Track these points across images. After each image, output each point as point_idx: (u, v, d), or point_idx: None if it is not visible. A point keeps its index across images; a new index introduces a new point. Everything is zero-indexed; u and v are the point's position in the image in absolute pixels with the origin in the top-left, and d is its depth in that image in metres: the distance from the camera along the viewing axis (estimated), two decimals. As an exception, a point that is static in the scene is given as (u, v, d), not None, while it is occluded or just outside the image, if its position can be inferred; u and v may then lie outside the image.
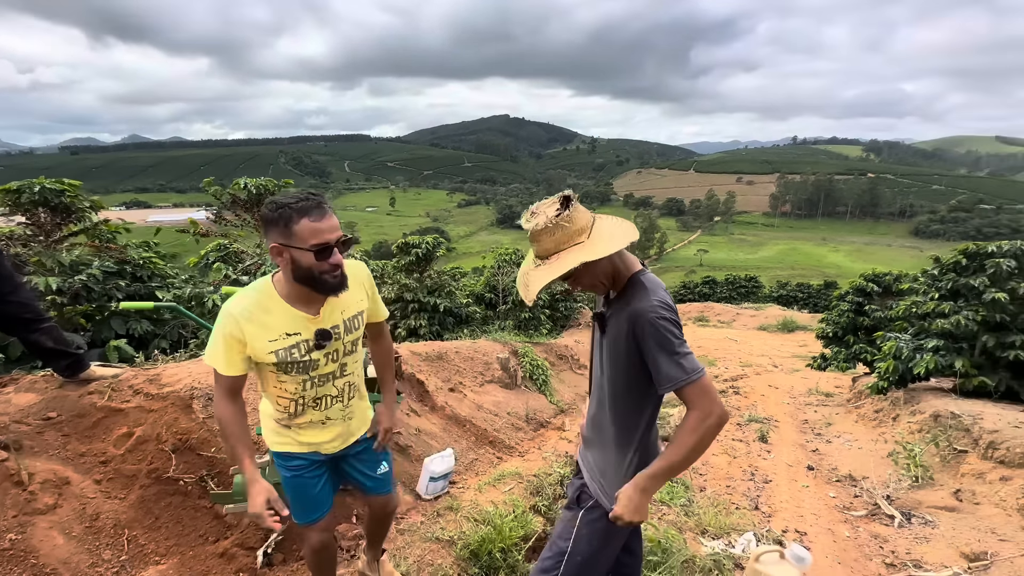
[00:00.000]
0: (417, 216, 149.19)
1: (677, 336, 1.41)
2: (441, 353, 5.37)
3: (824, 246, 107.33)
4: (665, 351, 1.39)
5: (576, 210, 1.44)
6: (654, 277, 1.54)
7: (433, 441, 4.11)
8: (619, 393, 1.57)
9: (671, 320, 1.42)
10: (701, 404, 1.37)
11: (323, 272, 1.51)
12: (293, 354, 1.60)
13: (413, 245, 7.23)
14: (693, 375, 1.37)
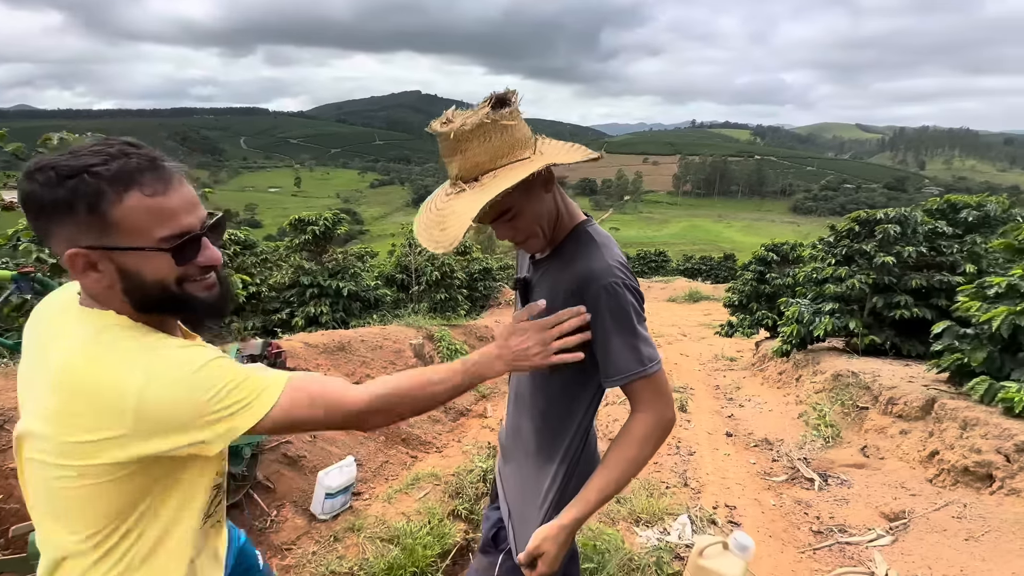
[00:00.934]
0: (326, 197, 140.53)
1: (639, 312, 1.02)
2: (343, 343, 4.72)
3: (720, 222, 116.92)
4: (622, 331, 1.01)
5: (518, 112, 0.96)
6: (602, 230, 1.12)
7: (333, 447, 3.52)
8: (547, 387, 1.14)
9: (633, 289, 1.03)
10: (655, 406, 1.03)
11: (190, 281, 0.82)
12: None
13: (308, 222, 6.36)
14: (650, 366, 1.01)
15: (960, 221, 5.81)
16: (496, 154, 0.94)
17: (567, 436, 1.15)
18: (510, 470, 1.29)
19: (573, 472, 1.15)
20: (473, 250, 10.63)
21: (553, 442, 1.16)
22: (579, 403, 1.14)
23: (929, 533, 2.66)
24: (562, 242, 1.10)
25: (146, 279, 0.78)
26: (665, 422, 1.04)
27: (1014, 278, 3.46)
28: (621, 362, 1.00)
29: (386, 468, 3.66)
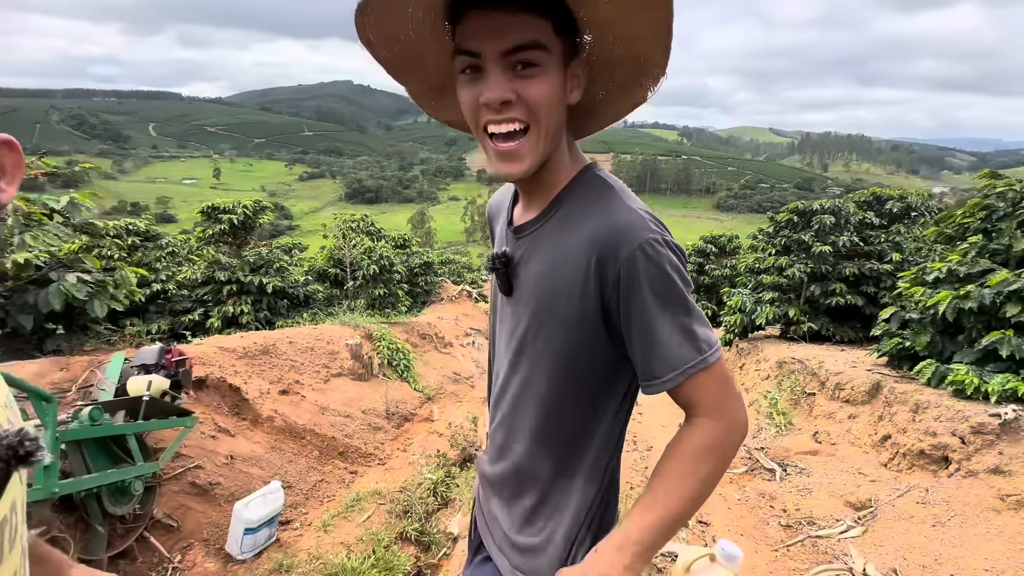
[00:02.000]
0: (250, 190, 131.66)
1: (687, 280, 0.72)
2: (267, 346, 4.14)
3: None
4: (671, 310, 0.69)
5: None
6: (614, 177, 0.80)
7: (255, 468, 3.00)
8: (558, 394, 0.78)
9: (677, 248, 0.71)
10: (723, 407, 0.71)
11: None
12: None
13: (223, 210, 5.60)
14: (710, 352, 0.70)
15: (885, 212, 6.14)
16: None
17: (591, 454, 0.80)
18: (498, 505, 0.91)
19: (605, 498, 0.82)
20: (412, 243, 10.09)
21: (573, 464, 0.81)
22: (603, 413, 0.79)
23: (897, 521, 2.62)
24: (561, 193, 0.77)
25: None
26: (740, 427, 0.73)
27: (952, 263, 3.57)
28: (674, 354, 0.68)
29: (321, 488, 3.19)
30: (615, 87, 0.77)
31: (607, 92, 0.78)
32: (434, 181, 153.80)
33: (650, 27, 0.65)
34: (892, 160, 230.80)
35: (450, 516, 2.92)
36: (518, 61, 0.65)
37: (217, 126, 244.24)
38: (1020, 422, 2.65)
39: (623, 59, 0.71)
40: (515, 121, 0.67)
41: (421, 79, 0.78)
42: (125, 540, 2.19)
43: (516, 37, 0.63)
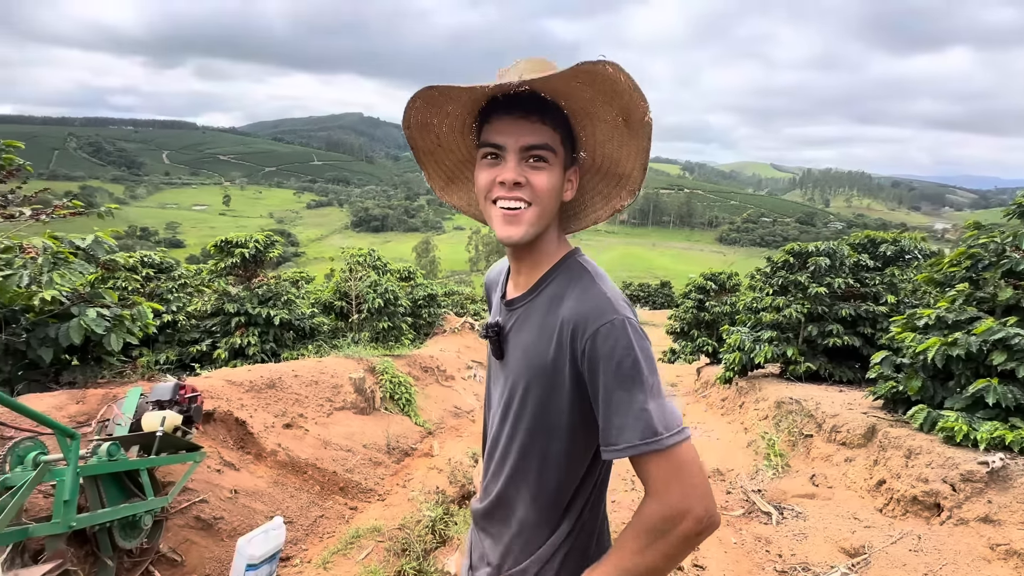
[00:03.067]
0: (258, 216, 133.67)
1: (649, 360, 0.80)
2: (274, 380, 4.23)
3: (654, 251, 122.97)
4: (628, 386, 0.77)
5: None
6: (594, 262, 0.93)
7: (258, 503, 3.06)
8: (539, 447, 0.89)
9: (640, 331, 0.81)
10: (668, 493, 0.76)
11: None
12: None
13: (237, 244, 5.80)
14: (666, 436, 0.75)
15: (880, 255, 6.28)
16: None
17: (568, 506, 0.91)
18: (489, 544, 1.02)
19: (577, 543, 0.92)
20: (417, 275, 10.27)
21: (550, 513, 0.91)
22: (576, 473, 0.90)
23: (890, 568, 2.64)
24: (547, 274, 0.90)
25: None
26: (686, 518, 0.75)
27: (940, 310, 3.67)
28: (625, 430, 0.76)
29: (321, 524, 3.23)
30: (599, 197, 0.94)
31: (592, 200, 0.95)
32: (439, 211, 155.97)
33: (633, 152, 0.85)
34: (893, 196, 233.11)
35: (448, 555, 2.96)
36: (531, 155, 0.82)
37: (229, 155, 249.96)
38: (1008, 470, 2.70)
39: (609, 174, 0.91)
40: (521, 200, 0.83)
41: (439, 167, 0.98)
42: (131, 574, 2.24)
43: (533, 139, 0.81)
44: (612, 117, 0.81)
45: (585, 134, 0.87)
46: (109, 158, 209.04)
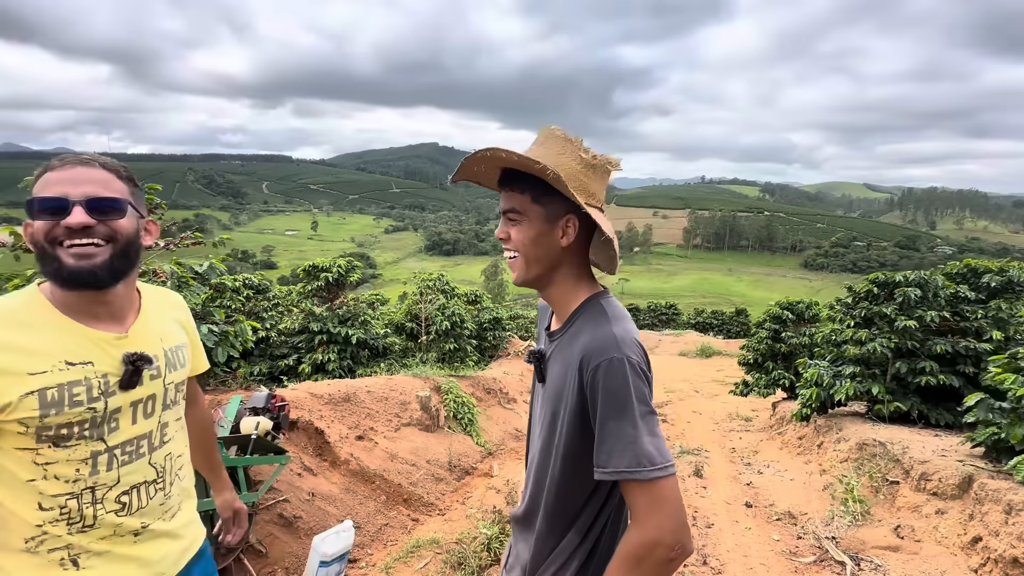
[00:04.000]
0: (341, 241, 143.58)
1: (642, 397, 0.90)
2: (349, 394, 4.61)
3: (730, 276, 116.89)
4: (617, 417, 0.88)
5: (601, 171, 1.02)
6: (620, 305, 1.05)
7: (331, 507, 3.35)
8: (554, 470, 1.03)
9: (639, 371, 0.91)
10: (649, 521, 0.86)
11: (53, 242, 0.93)
12: (76, 396, 0.94)
13: (322, 269, 6.41)
14: (647, 470, 0.85)
15: (983, 286, 5.69)
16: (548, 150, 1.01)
17: (579, 520, 1.02)
18: (520, 549, 1.15)
19: (591, 554, 1.02)
20: (483, 299, 10.62)
21: (561, 524, 1.03)
22: (588, 489, 1.01)
23: (981, 635, 2.39)
24: (573, 313, 1.05)
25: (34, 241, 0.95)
26: (666, 549, 0.84)
27: (1049, 350, 3.30)
28: (613, 456, 0.88)
29: (385, 532, 3.47)
30: (598, 248, 1.09)
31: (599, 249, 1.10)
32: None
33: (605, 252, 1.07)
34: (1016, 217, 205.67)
35: (500, 573, 3.06)
36: (507, 216, 1.03)
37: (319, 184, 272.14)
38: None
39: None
40: (512, 251, 1.04)
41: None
42: (225, 559, 2.57)
43: (505, 204, 1.03)
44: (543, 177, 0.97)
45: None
46: (219, 189, 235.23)
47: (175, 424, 1.16)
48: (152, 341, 1.09)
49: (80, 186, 0.95)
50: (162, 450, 1.11)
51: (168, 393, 1.12)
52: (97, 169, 0.99)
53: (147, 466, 1.07)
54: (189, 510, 1.21)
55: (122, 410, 1.02)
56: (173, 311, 1.22)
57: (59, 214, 0.93)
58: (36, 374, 0.92)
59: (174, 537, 1.13)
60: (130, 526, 1.04)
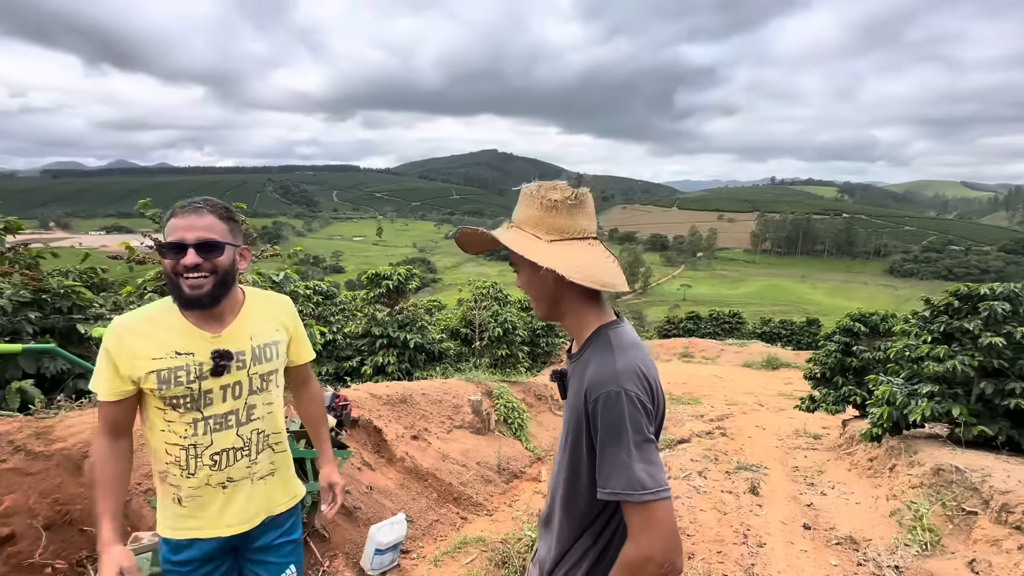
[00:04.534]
0: (404, 246, 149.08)
1: (638, 427, 0.99)
2: (406, 396, 4.91)
3: (803, 283, 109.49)
4: (613, 446, 0.99)
5: (565, 208, 1.13)
6: (630, 334, 1.15)
7: (387, 500, 3.62)
8: (568, 480, 1.15)
9: (636, 401, 1.01)
10: (641, 538, 0.97)
11: (176, 274, 1.30)
12: (179, 378, 1.32)
13: (384, 276, 6.84)
14: (639, 494, 0.95)
15: (1089, 300, 5.10)
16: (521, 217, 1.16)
17: (594, 522, 1.13)
18: (542, 546, 1.29)
19: (603, 553, 1.13)
20: (537, 306, 10.75)
21: (577, 525, 1.14)
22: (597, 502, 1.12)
23: None
24: (585, 342, 1.15)
25: (165, 270, 1.33)
26: (655, 567, 0.95)
27: None
28: (611, 479, 0.99)
29: (436, 527, 3.68)
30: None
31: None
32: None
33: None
34: None
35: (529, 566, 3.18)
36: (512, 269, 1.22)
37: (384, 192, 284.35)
38: None
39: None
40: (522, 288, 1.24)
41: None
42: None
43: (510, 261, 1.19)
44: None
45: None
46: (294, 198, 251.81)
47: (263, 407, 1.46)
48: (242, 339, 1.41)
49: (193, 232, 1.29)
50: (248, 426, 1.44)
51: (253, 382, 1.43)
52: (205, 216, 1.32)
53: (235, 436, 1.41)
54: (278, 478, 1.52)
55: (213, 391, 1.37)
56: (275, 312, 1.52)
57: (179, 254, 1.29)
58: (156, 358, 1.31)
59: (255, 496, 1.45)
60: (218, 479, 1.40)
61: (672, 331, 26.48)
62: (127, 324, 1.34)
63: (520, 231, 1.13)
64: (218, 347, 1.36)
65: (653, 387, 1.10)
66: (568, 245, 1.10)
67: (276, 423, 1.51)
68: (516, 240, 1.11)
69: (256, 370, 1.43)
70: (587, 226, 1.14)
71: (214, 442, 1.38)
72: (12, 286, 3.57)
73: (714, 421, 10.03)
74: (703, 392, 12.89)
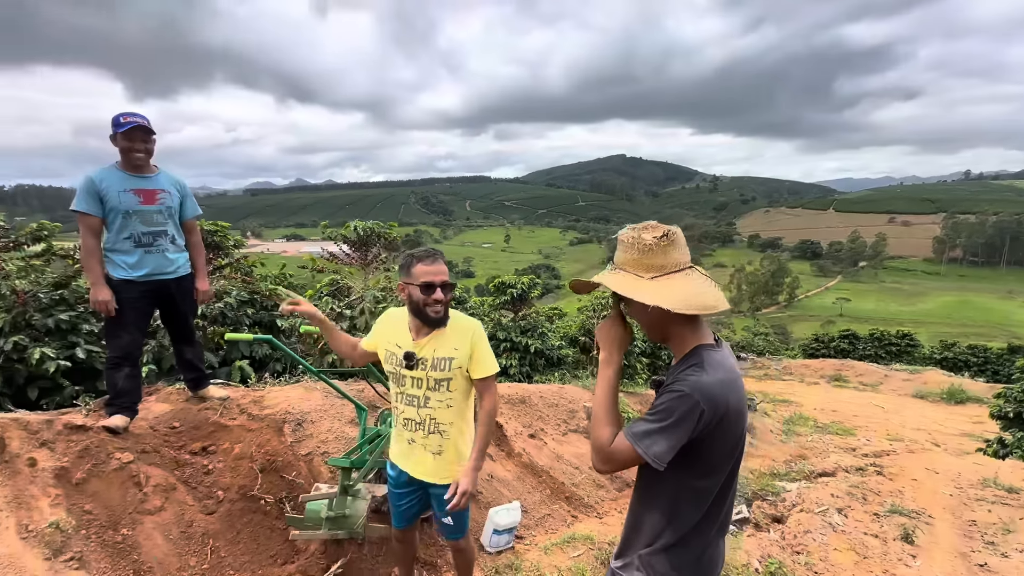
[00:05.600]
0: (530, 253, 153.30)
1: (679, 423, 1.25)
2: (524, 397, 5.30)
3: (1010, 301, 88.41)
4: (657, 420, 1.28)
5: (659, 248, 1.33)
6: (723, 357, 1.34)
7: (505, 489, 4.01)
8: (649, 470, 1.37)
9: (696, 410, 1.26)
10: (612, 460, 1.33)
11: (427, 304, 1.93)
12: (390, 359, 2.05)
13: (508, 285, 7.38)
14: (635, 439, 1.29)
15: None
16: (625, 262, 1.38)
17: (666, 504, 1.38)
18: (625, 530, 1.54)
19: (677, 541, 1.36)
20: (659, 317, 10.52)
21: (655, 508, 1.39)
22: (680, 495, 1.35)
23: None
24: (684, 357, 1.37)
25: (413, 298, 1.96)
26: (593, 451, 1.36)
27: None
28: (633, 427, 1.31)
29: (547, 520, 3.98)
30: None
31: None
32: (698, 247, 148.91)
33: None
34: None
35: None
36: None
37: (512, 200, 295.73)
38: None
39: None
40: None
41: None
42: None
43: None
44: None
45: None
46: (432, 208, 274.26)
47: (437, 402, 2.02)
48: (427, 350, 2.00)
49: (439, 276, 1.94)
50: (424, 410, 2.03)
51: (428, 381, 2.00)
52: (441, 264, 1.97)
53: (415, 412, 2.04)
54: (443, 459, 2.07)
55: (407, 377, 2.03)
56: (459, 335, 2.04)
57: (430, 290, 1.92)
58: (386, 341, 2.07)
59: (424, 462, 2.08)
60: (405, 437, 2.09)
61: (820, 350, 23.48)
62: (388, 314, 2.13)
63: (624, 272, 1.36)
64: (410, 350, 1.99)
65: (726, 408, 1.29)
66: (667, 279, 1.31)
67: (449, 417, 2.03)
68: (622, 283, 1.34)
69: (432, 374, 1.99)
70: (680, 259, 1.34)
71: (404, 411, 2.06)
72: (236, 288, 4.71)
73: (869, 457, 8.85)
74: (858, 423, 11.35)
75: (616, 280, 1.35)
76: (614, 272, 1.38)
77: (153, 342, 4.18)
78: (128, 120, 2.66)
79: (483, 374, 2.03)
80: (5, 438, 2.44)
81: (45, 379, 3.57)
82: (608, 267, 1.43)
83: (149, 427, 3.03)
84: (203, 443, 3.04)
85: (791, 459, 8.22)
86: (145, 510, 2.54)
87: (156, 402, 3.35)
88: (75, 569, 2.17)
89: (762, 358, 22.23)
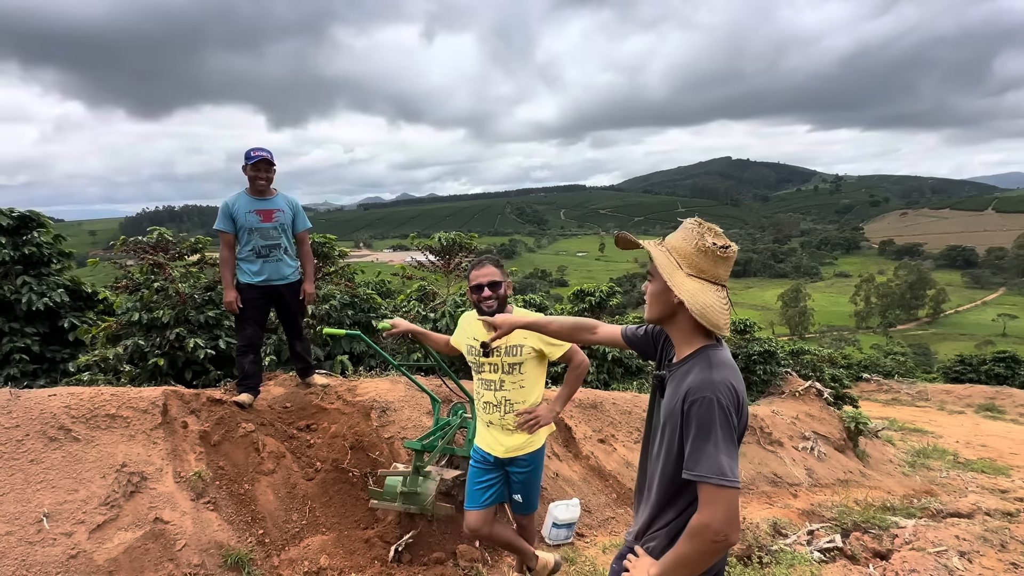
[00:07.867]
0: (625, 262, 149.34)
1: (724, 427, 1.29)
2: (597, 402, 5.39)
3: None
4: (701, 438, 1.29)
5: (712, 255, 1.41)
6: (726, 356, 1.43)
7: (569, 488, 4.17)
8: (662, 463, 1.46)
9: (724, 407, 1.30)
10: (707, 511, 1.27)
11: (479, 301, 2.29)
12: (470, 352, 2.39)
13: (587, 293, 7.48)
14: (715, 478, 1.25)
15: None
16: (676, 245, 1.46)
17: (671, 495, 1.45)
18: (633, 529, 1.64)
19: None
20: (754, 328, 9.89)
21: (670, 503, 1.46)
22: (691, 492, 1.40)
23: None
24: (688, 356, 1.45)
25: (471, 298, 2.35)
26: (712, 533, 1.24)
27: None
28: (698, 464, 1.28)
29: (610, 523, 4.06)
30: None
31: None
32: (816, 255, 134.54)
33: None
34: None
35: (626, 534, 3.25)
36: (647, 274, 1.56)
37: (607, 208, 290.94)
38: None
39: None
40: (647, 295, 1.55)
41: None
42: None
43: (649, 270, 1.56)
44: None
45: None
46: (527, 218, 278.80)
47: (511, 384, 2.35)
48: (501, 340, 2.19)
49: (485, 277, 2.28)
50: (500, 392, 2.36)
51: (503, 367, 2.32)
52: (487, 267, 2.30)
53: (492, 395, 2.37)
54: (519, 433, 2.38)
55: (484, 365, 2.36)
56: None
57: (479, 290, 2.27)
58: (466, 337, 2.43)
59: (502, 440, 2.39)
60: (484, 419, 2.44)
61: (967, 374, 20.16)
62: (465, 316, 2.52)
63: (669, 255, 1.44)
64: (485, 341, 2.27)
65: (739, 400, 1.38)
66: (702, 284, 1.40)
67: (521, 396, 2.34)
68: (663, 262, 1.43)
69: (506, 360, 2.31)
70: (722, 275, 1.44)
71: (483, 396, 2.39)
72: (340, 292, 5.40)
73: (1022, 501, 7.58)
74: (1015, 461, 9.66)
75: (660, 256, 1.43)
76: (661, 248, 1.46)
77: (275, 337, 4.97)
78: (256, 154, 3.31)
79: (563, 349, 2.34)
80: (168, 405, 3.15)
81: (197, 364, 4.45)
82: (656, 240, 1.51)
83: (268, 405, 3.67)
84: (307, 421, 3.61)
85: (913, 494, 7.29)
86: (262, 471, 3.12)
87: (274, 386, 4.02)
88: (211, 510, 2.76)
89: (890, 380, 19.62)
